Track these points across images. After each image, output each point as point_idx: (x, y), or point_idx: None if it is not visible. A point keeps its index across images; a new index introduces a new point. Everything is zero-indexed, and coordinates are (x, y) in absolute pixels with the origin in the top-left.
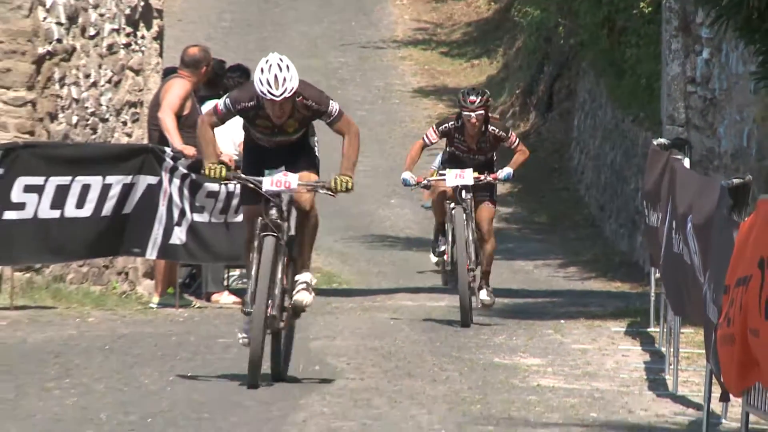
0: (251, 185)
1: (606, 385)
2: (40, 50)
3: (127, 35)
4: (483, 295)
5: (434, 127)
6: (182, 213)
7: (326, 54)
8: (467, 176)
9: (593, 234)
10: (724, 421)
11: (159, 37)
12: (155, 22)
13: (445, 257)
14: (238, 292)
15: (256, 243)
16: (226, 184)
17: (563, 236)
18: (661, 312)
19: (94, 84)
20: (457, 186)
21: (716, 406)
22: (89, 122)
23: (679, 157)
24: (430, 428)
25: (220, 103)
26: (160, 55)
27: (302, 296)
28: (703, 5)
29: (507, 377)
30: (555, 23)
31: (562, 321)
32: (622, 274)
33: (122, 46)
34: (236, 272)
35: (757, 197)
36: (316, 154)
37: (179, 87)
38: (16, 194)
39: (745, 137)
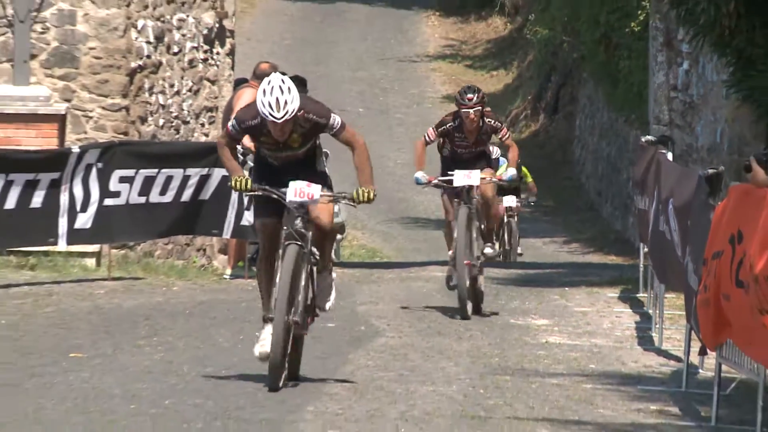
0: (275, 196)
1: (603, 342)
2: (133, 64)
3: (205, 52)
4: (488, 249)
5: (433, 127)
6: (250, 199)
7: (370, 67)
8: (474, 177)
9: (592, 216)
10: (701, 371)
11: (231, 53)
12: (228, 40)
13: (450, 253)
14: None
15: (279, 251)
16: (251, 196)
17: (567, 218)
18: (648, 280)
19: (177, 92)
20: (464, 186)
21: (695, 358)
22: (173, 124)
23: (664, 151)
24: (456, 378)
25: (229, 124)
26: (232, 68)
27: (325, 301)
28: (683, 24)
29: (520, 335)
30: (560, 40)
31: (566, 288)
32: (616, 249)
33: (200, 61)
34: None
35: (728, 185)
36: (326, 170)
37: (249, 95)
38: (113, 184)
39: (718, 135)
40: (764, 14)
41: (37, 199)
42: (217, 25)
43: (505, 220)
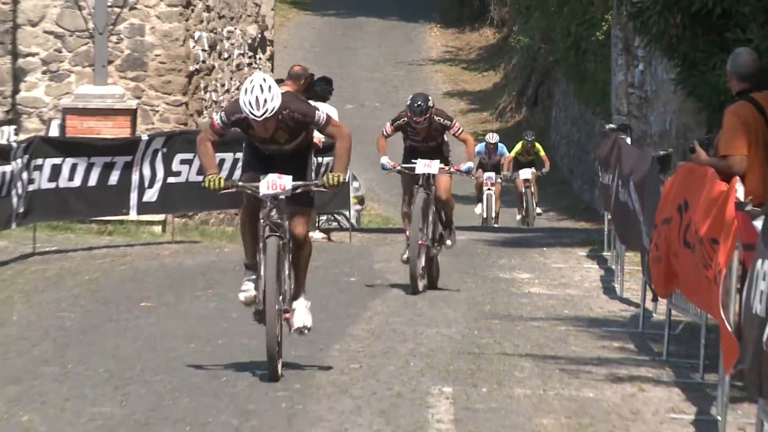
0: (249, 191)
1: (574, 292)
2: (191, 68)
3: (249, 57)
4: (448, 241)
5: (390, 123)
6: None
7: (384, 69)
8: (434, 166)
9: (565, 189)
10: (654, 315)
11: (270, 58)
12: (268, 48)
13: (407, 233)
14: (327, 231)
15: (261, 245)
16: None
17: (544, 191)
18: (611, 241)
19: (227, 91)
20: (423, 173)
21: (649, 305)
22: None
23: (624, 137)
24: (455, 321)
25: (216, 118)
26: (272, 70)
27: (302, 324)
28: (638, 34)
29: (507, 287)
30: (538, 47)
31: (545, 248)
32: (585, 217)
33: (246, 65)
34: (324, 216)
35: (676, 164)
36: (312, 175)
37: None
38: (175, 165)
39: (667, 123)
40: (704, 25)
41: (114, 178)
42: (259, 36)
43: (522, 190)
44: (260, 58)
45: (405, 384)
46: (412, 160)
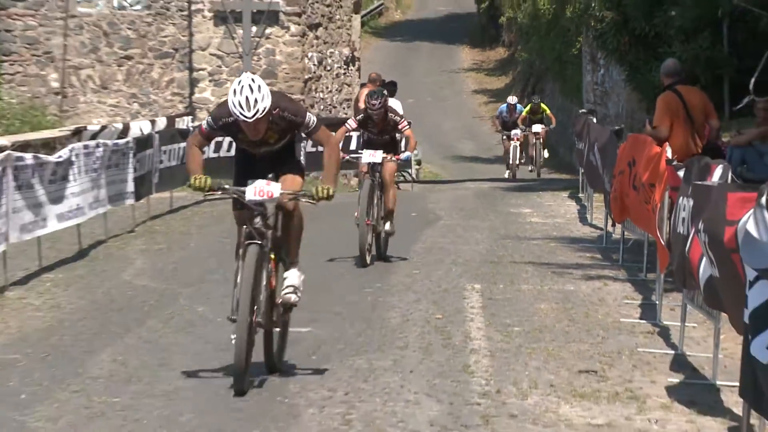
0: (235, 196)
1: (560, 220)
2: (305, 77)
3: (344, 69)
4: (387, 226)
5: (354, 117)
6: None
7: (432, 76)
8: (377, 156)
9: (554, 153)
10: (613, 235)
11: (358, 69)
12: (357, 62)
13: (356, 214)
14: (396, 183)
15: (240, 251)
16: (210, 196)
17: (552, 159)
18: (584, 187)
19: (330, 92)
20: (370, 162)
21: (610, 228)
22: (328, 110)
23: (591, 117)
24: (482, 241)
25: (204, 122)
26: (359, 77)
27: (288, 297)
28: (600, 49)
29: (516, 218)
30: (534, 59)
31: (540, 192)
32: (567, 171)
33: (342, 74)
34: (396, 173)
35: (626, 135)
36: (301, 159)
37: (366, 92)
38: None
39: (619, 108)
40: (644, 43)
41: None
42: (350, 55)
43: (533, 142)
44: (351, 69)
45: (449, 283)
46: (360, 151)
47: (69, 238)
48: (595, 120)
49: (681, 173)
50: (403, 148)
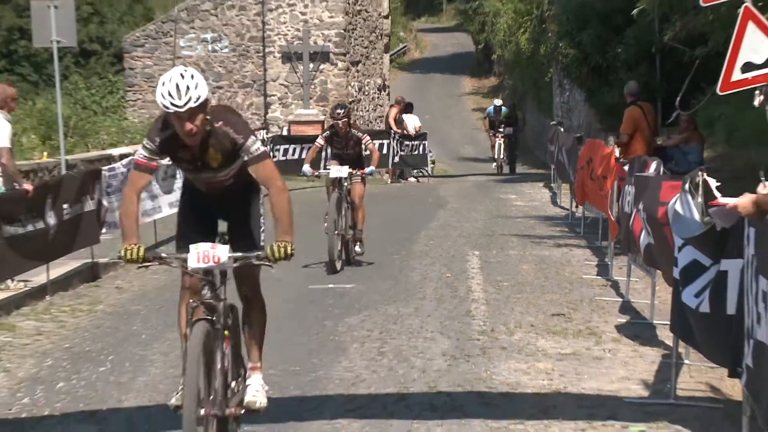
0: (174, 266)
1: (537, 203)
2: (349, 100)
3: (377, 93)
4: (357, 248)
5: (321, 135)
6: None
7: (442, 99)
8: (344, 171)
9: (531, 154)
10: (577, 213)
11: (388, 94)
12: (387, 89)
13: (325, 224)
14: (417, 177)
15: (186, 330)
16: (147, 267)
17: (523, 157)
18: (555, 178)
19: (367, 111)
20: (336, 177)
21: (574, 209)
22: (367, 124)
23: (560, 128)
24: (480, 219)
25: (137, 154)
26: (388, 99)
27: (255, 398)
28: (566, 77)
29: (504, 203)
30: (517, 85)
31: (522, 183)
32: (542, 167)
33: (376, 98)
34: (415, 170)
35: (585, 140)
36: (261, 217)
37: (394, 110)
38: None
39: (581, 121)
40: (599, 73)
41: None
42: (382, 83)
43: (500, 144)
44: (382, 94)
45: (456, 250)
46: (327, 167)
47: (174, 219)
48: (562, 129)
49: (626, 168)
50: (368, 163)
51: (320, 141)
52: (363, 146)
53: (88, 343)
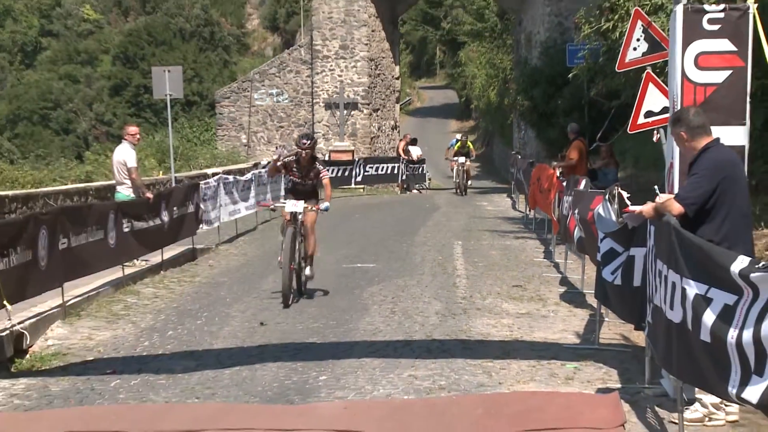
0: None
1: (501, 208)
2: (371, 136)
3: (391, 131)
4: (308, 271)
5: (281, 159)
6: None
7: (437, 135)
8: (299, 206)
9: (499, 175)
10: (529, 216)
11: (398, 131)
12: (398, 128)
13: (279, 258)
14: (419, 189)
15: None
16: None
17: (492, 177)
18: (514, 190)
19: (383, 144)
20: (292, 211)
21: (528, 212)
22: (383, 152)
23: (518, 156)
24: (462, 221)
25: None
26: (398, 135)
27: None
28: (521, 119)
29: (480, 208)
30: (488, 126)
31: (492, 194)
32: (505, 183)
33: (390, 134)
34: (417, 184)
35: (535, 164)
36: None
37: (402, 143)
38: (367, 169)
39: (533, 151)
40: (544, 117)
41: (346, 174)
42: (394, 124)
43: (462, 170)
44: (394, 132)
45: (446, 241)
46: (282, 200)
47: (250, 219)
48: (519, 157)
49: (564, 183)
50: (322, 197)
51: (278, 163)
52: (319, 179)
53: (189, 303)
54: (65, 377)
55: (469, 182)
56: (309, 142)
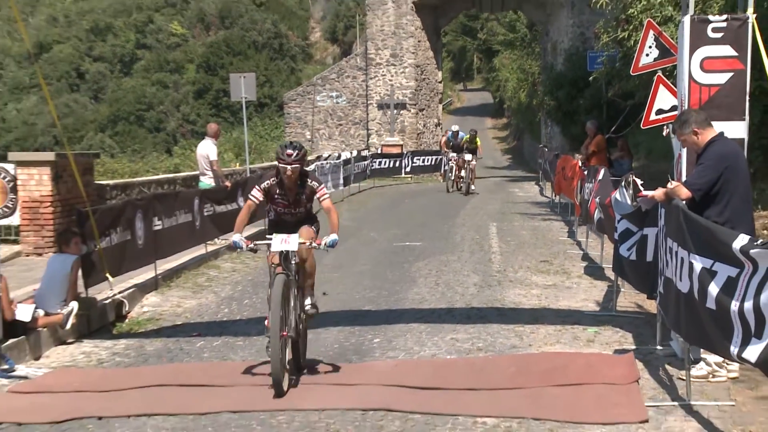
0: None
1: (530, 194)
2: (417, 132)
3: (434, 128)
4: (308, 307)
5: (257, 186)
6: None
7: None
8: (292, 242)
9: (529, 166)
10: (556, 200)
11: (441, 128)
12: (440, 125)
13: (266, 323)
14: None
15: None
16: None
17: (523, 166)
18: (542, 178)
19: (428, 139)
20: (282, 251)
21: (554, 197)
22: (428, 146)
23: (545, 149)
24: (496, 203)
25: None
26: (441, 131)
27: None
28: (549, 118)
29: (512, 193)
30: (519, 124)
31: (523, 182)
32: (534, 172)
33: (434, 131)
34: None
35: (560, 156)
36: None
37: (444, 138)
38: (415, 160)
39: (558, 145)
40: (567, 115)
41: (396, 164)
42: (437, 121)
43: (468, 167)
44: (438, 128)
45: (482, 222)
46: (268, 237)
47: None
48: (546, 149)
49: (585, 171)
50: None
51: (256, 195)
52: (316, 200)
53: (262, 276)
54: (158, 339)
55: (473, 187)
56: (296, 152)
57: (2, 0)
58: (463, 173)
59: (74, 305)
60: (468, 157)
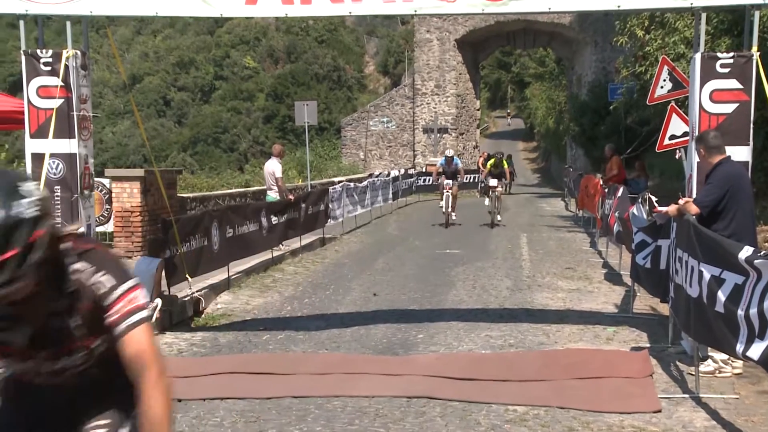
0: None
1: (557, 209)
2: (458, 153)
3: (473, 150)
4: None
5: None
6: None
7: (508, 153)
8: None
9: (555, 183)
10: (579, 214)
11: (478, 150)
12: (478, 147)
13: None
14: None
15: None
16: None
17: (551, 184)
18: (567, 195)
19: (467, 159)
20: None
21: (578, 212)
22: (467, 166)
23: (571, 169)
24: (526, 217)
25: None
26: (479, 153)
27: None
28: (574, 142)
29: (540, 208)
30: (547, 147)
31: (549, 198)
32: (560, 189)
33: (472, 152)
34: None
35: (583, 175)
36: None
37: (481, 158)
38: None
39: (581, 166)
40: (588, 139)
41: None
42: (475, 144)
43: (494, 195)
44: (476, 150)
45: (513, 233)
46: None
47: (366, 216)
48: (571, 170)
49: (605, 189)
50: None
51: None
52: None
53: (320, 278)
54: (230, 332)
55: (499, 218)
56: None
57: (104, 39)
58: (493, 202)
59: (158, 302)
60: (494, 182)
